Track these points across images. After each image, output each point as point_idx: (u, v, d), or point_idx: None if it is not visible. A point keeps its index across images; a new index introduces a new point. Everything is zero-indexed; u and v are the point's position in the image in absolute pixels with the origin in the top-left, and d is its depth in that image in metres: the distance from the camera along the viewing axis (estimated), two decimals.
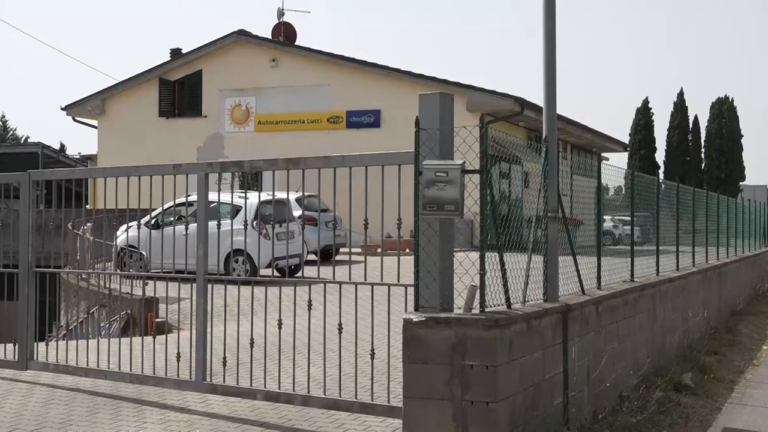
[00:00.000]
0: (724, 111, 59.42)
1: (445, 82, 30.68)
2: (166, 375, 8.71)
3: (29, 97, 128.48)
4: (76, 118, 38.01)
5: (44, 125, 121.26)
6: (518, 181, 9.16)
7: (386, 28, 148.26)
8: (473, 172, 6.78)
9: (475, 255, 6.89)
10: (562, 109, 10.17)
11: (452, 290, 6.90)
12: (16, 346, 9.85)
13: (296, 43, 36.53)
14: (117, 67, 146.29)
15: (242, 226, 17.06)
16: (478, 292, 6.82)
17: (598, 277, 10.15)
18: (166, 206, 11.33)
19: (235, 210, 17.42)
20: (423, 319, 6.67)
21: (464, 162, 6.76)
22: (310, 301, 7.68)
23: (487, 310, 6.84)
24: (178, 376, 8.54)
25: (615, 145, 45.54)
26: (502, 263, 7.13)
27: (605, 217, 12.18)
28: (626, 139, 55.09)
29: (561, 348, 8.05)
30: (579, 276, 9.31)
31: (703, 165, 59.49)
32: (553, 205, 8.44)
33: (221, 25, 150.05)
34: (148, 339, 9.46)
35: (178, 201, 10.33)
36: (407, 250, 19.98)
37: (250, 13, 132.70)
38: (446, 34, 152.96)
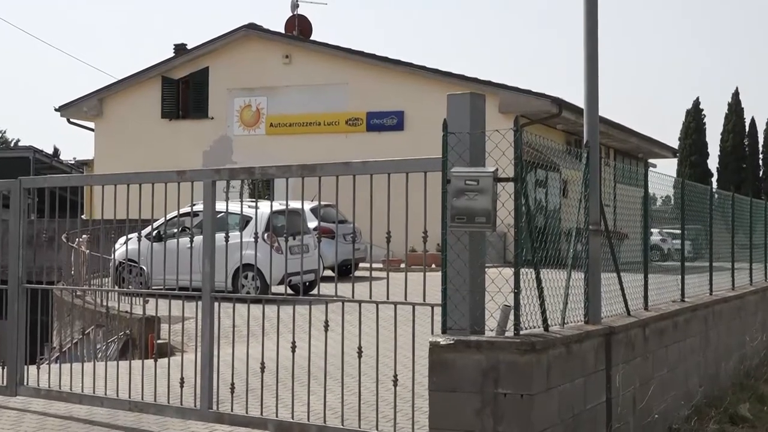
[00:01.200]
0: None
1: (475, 81, 30.68)
2: (168, 402, 8.73)
3: (20, 97, 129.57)
4: (71, 120, 38.25)
5: (36, 127, 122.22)
6: (556, 190, 9.14)
7: (410, 22, 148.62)
8: (507, 180, 6.77)
9: (508, 271, 6.87)
10: (604, 111, 10.19)
11: (483, 310, 6.88)
12: (5, 370, 9.90)
13: (311, 38, 36.63)
14: (116, 65, 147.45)
15: (252, 239, 17.10)
16: (512, 312, 6.80)
17: (645, 297, 10.11)
18: (169, 217, 11.37)
19: (245, 221, 17.47)
20: (451, 342, 6.65)
21: (497, 169, 6.75)
22: (326, 322, 7.68)
23: (522, 332, 6.81)
24: (181, 404, 8.55)
25: (663, 150, 45.37)
26: (539, 281, 7.10)
27: (652, 230, 12.13)
28: (675, 144, 54.93)
29: (604, 375, 8.00)
30: (624, 295, 9.27)
31: (761, 172, 59.19)
32: (595, 216, 8.41)
33: (229, 19, 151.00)
34: (149, 362, 9.48)
35: (182, 211, 10.36)
36: (433, 266, 19.94)
37: (260, 6, 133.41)
38: (476, 28, 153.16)
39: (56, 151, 67.56)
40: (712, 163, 59.24)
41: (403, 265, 21.08)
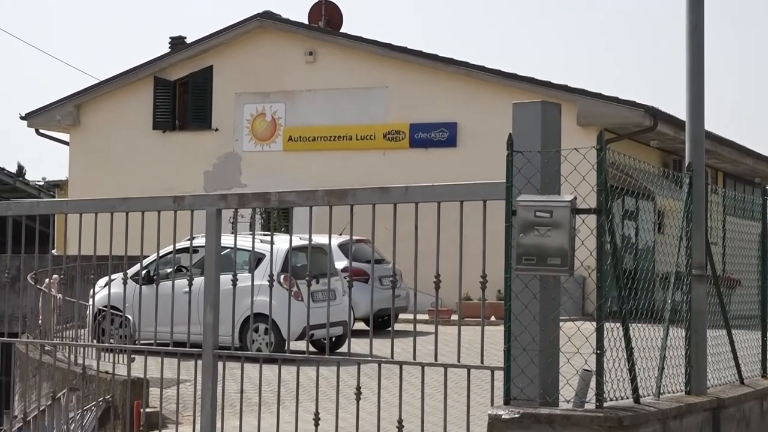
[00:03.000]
0: None
1: (547, 86, 30.67)
2: None
3: None
4: (41, 131, 38.60)
5: None
6: (650, 224, 9.13)
7: (464, 12, 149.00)
8: (587, 212, 6.76)
9: (589, 327, 6.85)
10: (710, 124, 10.08)
11: (557, 376, 6.87)
12: None
13: (342, 30, 36.84)
14: (97, 62, 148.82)
15: (266, 282, 17.18)
16: (593, 379, 6.78)
17: (763, 361, 10.04)
18: (162, 253, 11.45)
19: (257, 259, 17.52)
20: (516, 415, 6.64)
21: (575, 198, 6.75)
22: (358, 388, 7.68)
23: (605, 404, 6.78)
24: None
25: None
26: (628, 339, 7.08)
27: None
28: None
29: None
30: (736, 359, 9.21)
31: None
32: (700, 258, 8.38)
33: (239, 6, 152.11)
34: None
35: (178, 246, 10.43)
36: (493, 319, 19.91)
37: None
38: (548, 19, 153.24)
39: (21, 169, 68.10)
40: None
41: (455, 317, 21.08)
